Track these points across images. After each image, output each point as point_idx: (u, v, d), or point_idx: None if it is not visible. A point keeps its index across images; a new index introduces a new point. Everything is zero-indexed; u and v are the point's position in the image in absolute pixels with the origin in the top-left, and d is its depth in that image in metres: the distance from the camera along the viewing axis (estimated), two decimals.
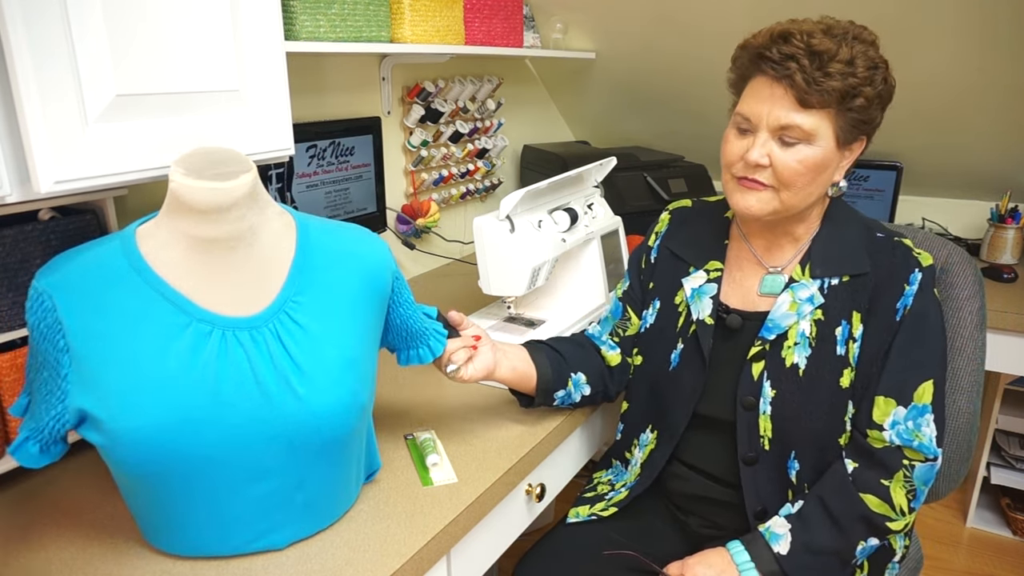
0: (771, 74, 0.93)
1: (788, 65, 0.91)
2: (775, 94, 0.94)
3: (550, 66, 2.37)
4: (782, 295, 1.03)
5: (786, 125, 0.93)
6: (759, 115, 0.95)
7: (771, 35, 0.94)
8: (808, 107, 0.92)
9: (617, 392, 1.20)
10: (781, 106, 0.93)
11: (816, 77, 0.90)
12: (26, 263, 0.94)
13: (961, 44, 1.69)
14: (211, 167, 0.80)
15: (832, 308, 1.00)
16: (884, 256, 1.00)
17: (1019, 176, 2.02)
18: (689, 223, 1.18)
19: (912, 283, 0.98)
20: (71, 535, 0.87)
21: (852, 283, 1.01)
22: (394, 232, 1.85)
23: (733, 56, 1.03)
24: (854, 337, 0.99)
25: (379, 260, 0.91)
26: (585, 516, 1.16)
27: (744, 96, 0.99)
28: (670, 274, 1.15)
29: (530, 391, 1.11)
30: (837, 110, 0.93)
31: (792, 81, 0.91)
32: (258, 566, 0.81)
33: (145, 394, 0.74)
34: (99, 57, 0.78)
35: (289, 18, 1.29)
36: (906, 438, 0.96)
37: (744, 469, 1.03)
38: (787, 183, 0.96)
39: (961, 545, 2.11)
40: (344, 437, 0.84)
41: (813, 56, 0.91)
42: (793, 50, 0.91)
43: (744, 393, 1.03)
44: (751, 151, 0.95)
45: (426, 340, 1.00)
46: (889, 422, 0.96)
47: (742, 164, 0.98)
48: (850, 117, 0.94)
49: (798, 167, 0.94)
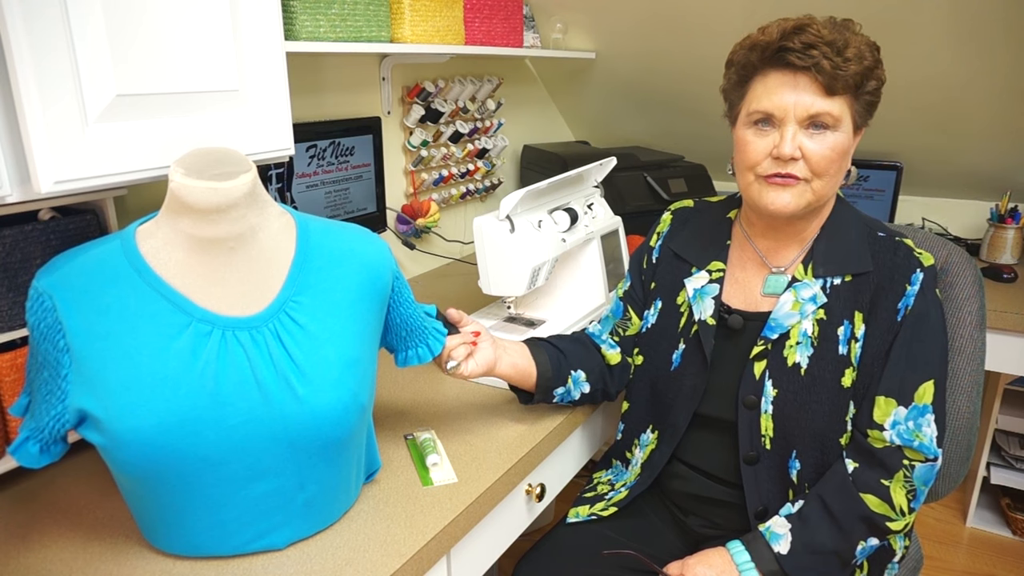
0: (795, 64, 0.93)
1: (812, 53, 0.92)
2: (799, 84, 0.94)
3: (550, 66, 2.37)
4: (785, 294, 1.03)
5: (816, 114, 0.94)
6: (784, 107, 0.95)
7: (783, 30, 0.95)
8: (834, 93, 0.94)
9: (617, 391, 1.20)
10: (809, 94, 0.94)
11: (838, 63, 0.92)
12: (26, 263, 0.94)
13: (961, 44, 1.69)
14: (211, 167, 0.80)
15: (834, 308, 1.00)
16: (886, 256, 1.00)
17: (1019, 176, 2.02)
18: (691, 223, 1.18)
19: (914, 283, 0.98)
20: (71, 535, 0.87)
21: (854, 283, 1.01)
22: (394, 232, 1.85)
23: (733, 59, 1.02)
24: (856, 337, 0.99)
25: (379, 260, 0.91)
26: (585, 516, 1.16)
27: (757, 94, 0.98)
28: (672, 274, 1.15)
29: (530, 388, 1.11)
30: (854, 95, 0.95)
31: (820, 68, 0.92)
32: (258, 566, 0.81)
33: (145, 394, 0.74)
34: (99, 57, 0.78)
35: (289, 18, 1.29)
36: (907, 438, 0.96)
37: (745, 469, 1.03)
38: (820, 172, 0.96)
39: (961, 545, 2.11)
40: (344, 437, 0.84)
41: (830, 45, 0.92)
42: (813, 39, 0.92)
43: (746, 392, 1.03)
44: (782, 145, 0.95)
45: (425, 339, 1.00)
46: (890, 422, 0.96)
47: (769, 161, 0.97)
48: (864, 101, 0.97)
49: (831, 154, 0.95)
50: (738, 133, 1.02)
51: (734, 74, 1.03)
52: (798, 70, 0.94)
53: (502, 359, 1.07)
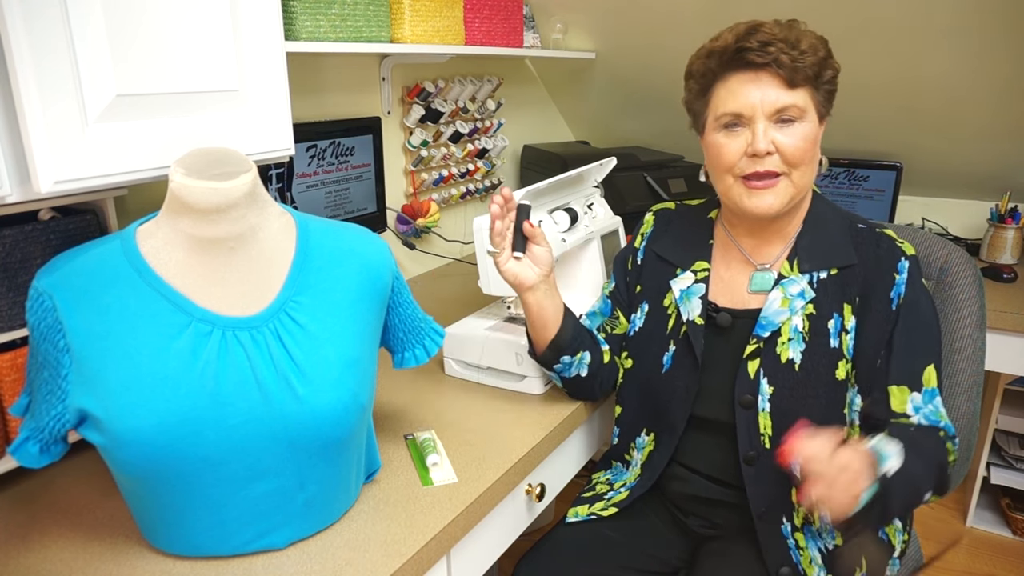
0: (756, 62, 0.97)
1: (769, 50, 0.95)
2: (762, 81, 0.97)
3: (550, 66, 2.37)
4: (773, 292, 1.03)
5: (783, 107, 0.97)
6: (752, 105, 0.97)
7: (738, 33, 0.98)
8: (796, 86, 0.97)
9: (602, 391, 1.20)
10: (773, 89, 0.97)
11: (796, 56, 0.95)
12: (26, 263, 0.94)
13: (961, 44, 1.69)
14: (211, 167, 0.80)
15: (823, 302, 1.02)
16: (869, 248, 1.02)
17: (1019, 176, 2.02)
18: (673, 226, 1.19)
19: (901, 272, 1.00)
20: (71, 535, 0.87)
21: (840, 275, 1.02)
22: (394, 232, 1.85)
23: (691, 70, 1.06)
24: (846, 329, 1.00)
25: (379, 260, 0.91)
26: (584, 515, 1.16)
27: (722, 97, 1.01)
28: (657, 277, 1.16)
29: (542, 340, 1.11)
30: (815, 85, 0.99)
31: (779, 62, 0.95)
32: (258, 566, 0.81)
33: (145, 394, 0.74)
34: (99, 57, 0.78)
35: (289, 18, 1.29)
36: (933, 419, 0.97)
37: (746, 469, 1.03)
38: (796, 162, 0.98)
39: (961, 545, 2.11)
40: (344, 437, 0.84)
41: (785, 41, 0.96)
42: (768, 37, 0.96)
43: (742, 392, 1.03)
44: (755, 141, 0.97)
45: (422, 340, 1.00)
46: (911, 408, 0.97)
47: (745, 160, 0.99)
48: (824, 90, 1.00)
49: (803, 144, 0.98)
50: (708, 139, 1.04)
51: (695, 84, 1.06)
52: (759, 68, 0.97)
53: (538, 288, 1.06)
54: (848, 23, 1.74)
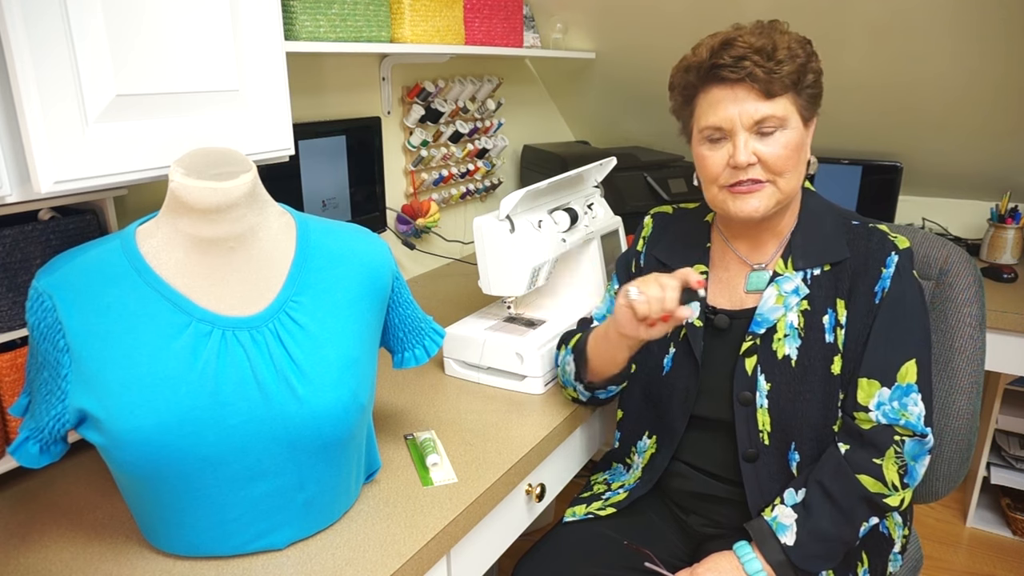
0: (730, 78, 0.97)
1: (743, 65, 0.95)
2: (738, 95, 0.97)
3: (550, 66, 2.37)
4: (768, 289, 1.04)
5: (761, 119, 0.97)
6: (731, 119, 0.98)
7: (712, 47, 0.98)
8: (773, 96, 0.97)
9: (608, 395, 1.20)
10: (750, 102, 0.97)
11: (771, 67, 0.95)
12: (26, 263, 0.94)
13: (960, 45, 1.69)
14: (211, 167, 0.80)
15: (817, 297, 1.02)
16: (861, 242, 1.03)
17: (1019, 176, 2.02)
18: (671, 229, 1.20)
19: (888, 266, 1.00)
20: (71, 535, 0.87)
21: (833, 271, 1.03)
22: (394, 232, 1.85)
23: (673, 82, 1.07)
24: (841, 324, 1.01)
25: (379, 260, 0.91)
26: (582, 515, 1.16)
27: (703, 110, 1.01)
28: None
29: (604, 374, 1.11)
30: (795, 92, 0.98)
31: (754, 76, 0.95)
32: (258, 566, 0.81)
33: (145, 394, 0.74)
34: (99, 57, 0.78)
35: (289, 18, 1.29)
36: (893, 418, 0.97)
37: (745, 466, 1.03)
38: (779, 170, 0.99)
39: (961, 545, 2.11)
40: (344, 437, 0.84)
41: (759, 52, 0.95)
42: (742, 51, 0.96)
43: (740, 389, 1.03)
44: (736, 154, 0.98)
45: (422, 340, 1.00)
46: (874, 403, 0.98)
47: (728, 171, 1.00)
48: (806, 95, 1.00)
49: (785, 152, 0.98)
50: (695, 150, 1.05)
51: (678, 95, 1.07)
52: (734, 82, 0.97)
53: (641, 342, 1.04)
54: (848, 23, 1.75)
